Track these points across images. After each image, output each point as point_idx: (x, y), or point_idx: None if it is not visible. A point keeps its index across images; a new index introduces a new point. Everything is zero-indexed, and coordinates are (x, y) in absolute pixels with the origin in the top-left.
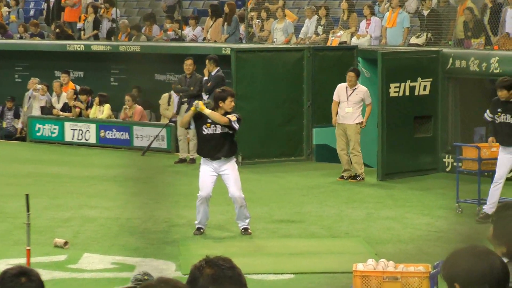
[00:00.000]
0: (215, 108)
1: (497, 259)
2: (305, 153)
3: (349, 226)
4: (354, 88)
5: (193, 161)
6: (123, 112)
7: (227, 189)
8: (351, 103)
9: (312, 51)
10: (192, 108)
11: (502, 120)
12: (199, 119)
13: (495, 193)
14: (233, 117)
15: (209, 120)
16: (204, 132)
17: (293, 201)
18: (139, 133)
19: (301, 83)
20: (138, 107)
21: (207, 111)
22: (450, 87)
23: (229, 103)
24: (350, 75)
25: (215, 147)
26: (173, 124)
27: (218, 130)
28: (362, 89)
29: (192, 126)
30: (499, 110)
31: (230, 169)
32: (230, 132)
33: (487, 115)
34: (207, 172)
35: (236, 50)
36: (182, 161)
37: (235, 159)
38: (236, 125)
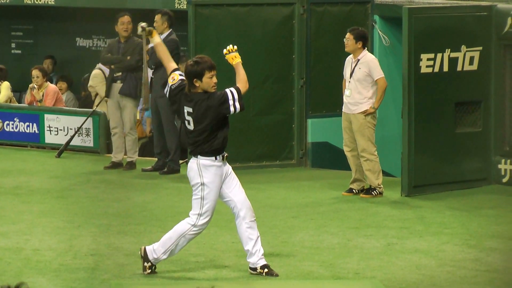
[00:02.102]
0: (190, 89)
1: None
2: (296, 155)
3: (361, 263)
4: (357, 59)
5: (131, 165)
6: (30, 93)
7: (225, 197)
8: (353, 81)
9: (307, 6)
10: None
11: None
12: None
13: None
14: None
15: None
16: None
17: (278, 225)
18: (52, 124)
19: (291, 52)
20: (52, 87)
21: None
22: (508, 60)
23: (209, 81)
24: (347, 37)
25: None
26: (101, 111)
27: None
28: (366, 59)
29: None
30: None
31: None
32: None
33: None
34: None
35: (195, 3)
36: (116, 165)
37: None
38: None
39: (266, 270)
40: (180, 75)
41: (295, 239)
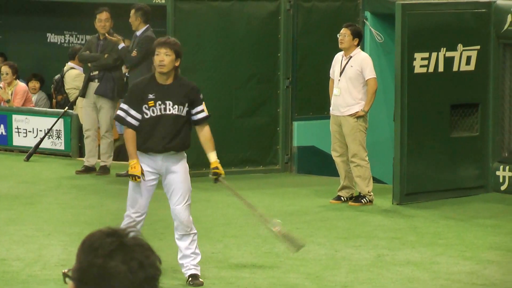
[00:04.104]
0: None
1: None
2: (281, 160)
3: (349, 275)
4: (349, 56)
5: (105, 170)
6: None
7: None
8: (343, 79)
9: (293, 1)
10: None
11: None
12: (136, 97)
13: None
14: (206, 108)
15: (151, 96)
16: (146, 116)
17: (261, 235)
18: (21, 125)
19: (276, 50)
20: (21, 85)
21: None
22: (508, 60)
23: (155, 58)
24: (342, 32)
25: (165, 134)
26: (72, 111)
27: (172, 109)
28: (359, 57)
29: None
30: None
31: (179, 168)
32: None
33: None
34: (144, 175)
35: None
36: (89, 170)
37: (186, 157)
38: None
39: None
40: None
41: (279, 250)
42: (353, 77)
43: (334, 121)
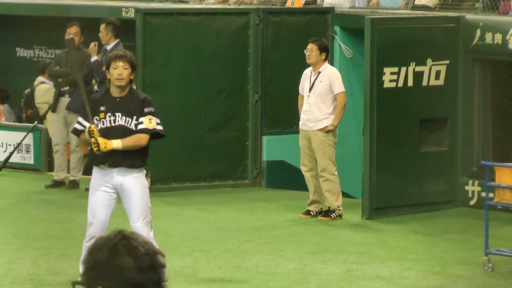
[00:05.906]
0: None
1: None
2: (250, 175)
3: None
4: (318, 71)
5: (74, 184)
6: None
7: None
8: (312, 95)
9: (263, 15)
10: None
11: None
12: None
13: None
14: (150, 122)
15: (102, 108)
16: (97, 128)
17: (231, 249)
18: None
19: (245, 65)
20: None
21: (116, 143)
22: (477, 75)
23: (112, 71)
24: (309, 48)
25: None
26: (42, 126)
27: (120, 120)
28: (328, 71)
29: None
30: None
31: (135, 185)
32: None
33: None
34: (100, 188)
35: (144, 12)
36: (58, 184)
37: (144, 174)
38: (160, 128)
39: None
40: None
41: (248, 264)
42: (322, 93)
43: (303, 136)
